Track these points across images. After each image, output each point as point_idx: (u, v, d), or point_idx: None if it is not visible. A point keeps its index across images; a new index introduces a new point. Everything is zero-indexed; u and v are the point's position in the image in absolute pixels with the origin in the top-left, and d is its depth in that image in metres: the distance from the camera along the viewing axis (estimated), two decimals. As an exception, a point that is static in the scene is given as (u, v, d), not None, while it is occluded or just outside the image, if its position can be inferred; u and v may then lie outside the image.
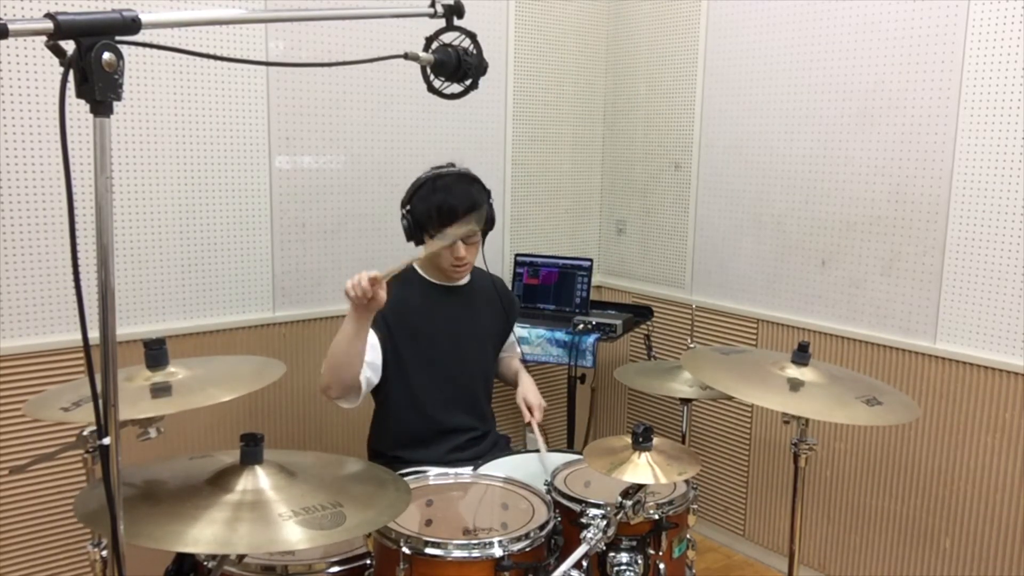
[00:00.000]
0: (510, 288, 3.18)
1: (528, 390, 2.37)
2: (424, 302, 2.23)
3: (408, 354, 2.17)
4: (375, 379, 2.12)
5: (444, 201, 2.12)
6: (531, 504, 1.79)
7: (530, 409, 2.31)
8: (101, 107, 0.99)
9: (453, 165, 2.25)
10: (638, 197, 3.51)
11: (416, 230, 2.17)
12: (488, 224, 2.21)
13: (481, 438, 2.33)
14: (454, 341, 2.25)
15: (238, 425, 2.71)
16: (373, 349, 2.09)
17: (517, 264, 3.26)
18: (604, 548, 1.69)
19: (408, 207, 2.18)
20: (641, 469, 1.62)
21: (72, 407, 1.47)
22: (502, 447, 2.39)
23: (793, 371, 1.94)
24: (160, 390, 1.48)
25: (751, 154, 3.04)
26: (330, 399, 2.05)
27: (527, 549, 1.62)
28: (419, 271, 2.28)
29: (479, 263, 2.34)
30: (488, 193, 2.23)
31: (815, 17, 2.78)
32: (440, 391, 2.23)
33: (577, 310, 3.14)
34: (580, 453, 2.02)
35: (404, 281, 2.25)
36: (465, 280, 2.31)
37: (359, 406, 2.11)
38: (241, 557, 1.49)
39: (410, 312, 2.19)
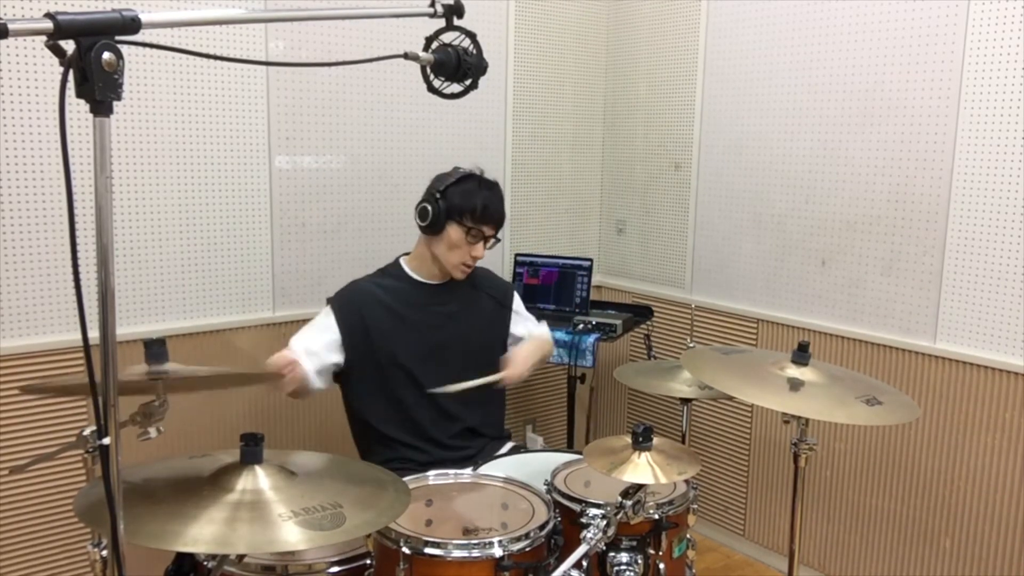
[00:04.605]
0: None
1: (515, 353, 2.25)
2: (418, 299, 2.22)
3: (399, 356, 2.16)
4: (323, 379, 2.17)
5: (490, 202, 2.17)
6: (531, 504, 1.79)
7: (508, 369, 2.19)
8: (101, 107, 0.99)
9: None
10: (638, 197, 3.51)
11: (445, 217, 2.14)
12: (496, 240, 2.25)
13: (480, 434, 2.32)
14: (446, 340, 2.23)
15: (238, 425, 2.70)
16: (328, 350, 2.16)
17: (517, 264, 3.26)
18: (604, 548, 1.69)
19: (441, 193, 2.15)
20: (641, 469, 1.62)
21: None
22: (499, 441, 2.37)
23: (793, 371, 1.93)
24: (156, 374, 1.48)
25: (751, 154, 3.04)
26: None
27: (527, 549, 1.62)
28: (407, 270, 2.26)
29: None
30: None
31: (815, 17, 2.78)
32: (427, 406, 2.20)
33: (577, 310, 3.14)
34: (580, 453, 2.02)
35: (399, 280, 2.24)
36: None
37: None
38: (241, 557, 1.49)
39: (400, 314, 2.18)
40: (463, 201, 2.14)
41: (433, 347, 2.21)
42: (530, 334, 2.38)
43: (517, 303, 2.41)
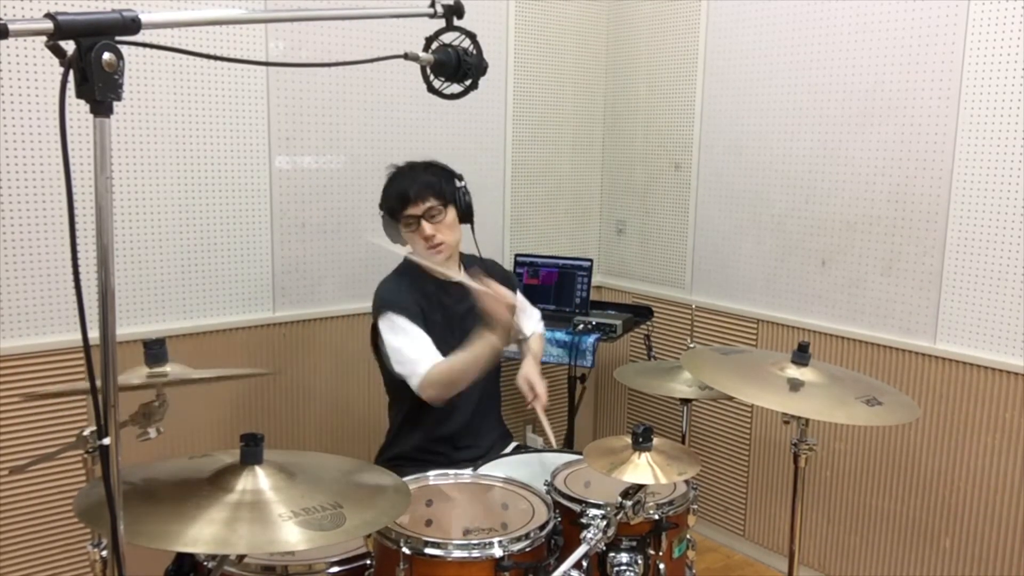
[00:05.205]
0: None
1: (529, 370, 2.27)
2: (433, 296, 2.23)
3: (443, 350, 2.16)
4: None
5: (397, 187, 2.19)
6: (531, 504, 1.79)
7: (534, 390, 2.22)
8: (101, 107, 0.99)
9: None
10: (638, 197, 3.51)
11: (392, 228, 2.23)
12: (456, 201, 2.21)
13: (489, 435, 2.34)
14: (460, 336, 2.24)
15: (238, 425, 2.71)
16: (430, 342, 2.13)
17: (517, 264, 3.26)
18: (604, 548, 1.69)
19: (381, 210, 2.26)
20: (641, 469, 1.62)
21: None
22: (503, 441, 2.38)
23: (793, 371, 1.93)
24: (156, 376, 1.48)
25: (751, 154, 3.04)
26: (428, 400, 2.10)
27: (527, 549, 1.62)
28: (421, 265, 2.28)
29: (472, 250, 2.33)
30: (455, 176, 2.25)
31: (815, 17, 2.78)
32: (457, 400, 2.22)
33: (577, 310, 3.14)
34: (580, 453, 2.02)
35: (413, 276, 2.25)
36: (461, 276, 2.30)
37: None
38: (241, 557, 1.49)
39: (426, 306, 2.20)
40: (387, 206, 2.22)
41: (455, 343, 2.21)
42: (533, 332, 2.45)
43: (520, 296, 2.42)
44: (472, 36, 1.55)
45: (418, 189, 2.16)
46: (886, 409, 1.86)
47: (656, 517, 1.77)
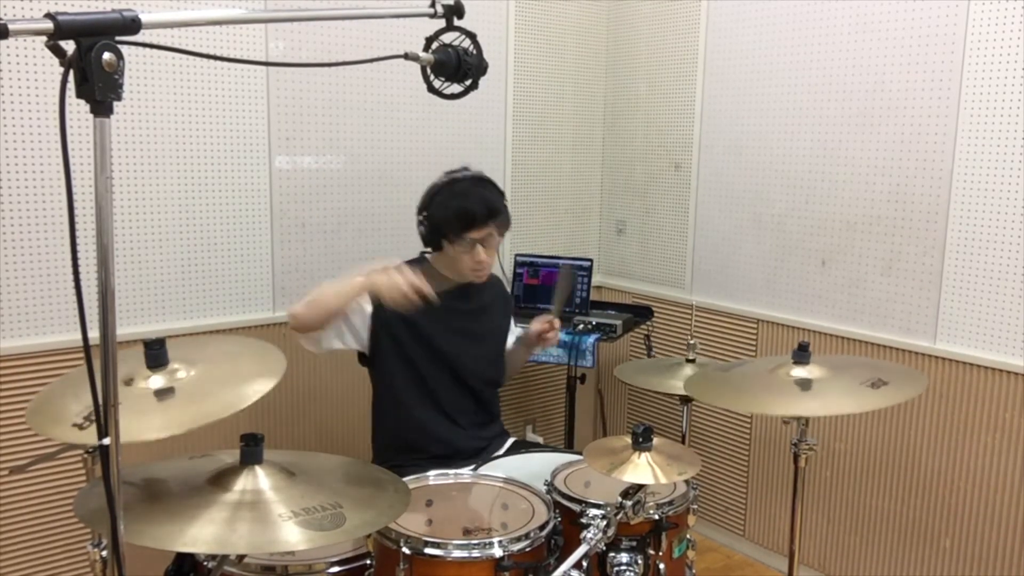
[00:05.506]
0: (509, 287, 3.19)
1: (532, 324, 2.35)
2: (446, 299, 2.22)
3: (420, 348, 2.17)
4: (340, 345, 2.13)
5: (462, 207, 2.11)
6: (531, 504, 1.80)
7: (552, 325, 2.30)
8: (101, 107, 0.99)
9: (467, 168, 2.23)
10: (638, 197, 3.51)
11: (434, 236, 2.16)
12: (506, 226, 2.22)
13: (487, 430, 2.34)
14: (463, 337, 2.24)
15: (238, 425, 2.70)
16: (362, 319, 2.10)
17: (517, 264, 3.26)
18: (604, 548, 1.69)
19: (425, 213, 2.17)
20: (641, 469, 1.62)
21: (85, 423, 1.42)
22: (502, 438, 2.39)
23: (799, 371, 1.94)
24: (164, 394, 1.47)
25: (751, 154, 3.04)
26: (294, 329, 2.07)
27: (527, 549, 1.62)
28: (438, 268, 2.26)
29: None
30: (502, 194, 2.22)
31: (815, 17, 2.78)
32: (449, 386, 2.23)
33: (577, 310, 3.14)
34: (580, 453, 2.02)
35: (423, 275, 2.24)
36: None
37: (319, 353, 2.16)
38: (241, 557, 1.49)
39: (425, 308, 2.19)
40: (441, 217, 2.12)
41: (462, 341, 2.23)
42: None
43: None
44: (472, 36, 1.55)
45: (485, 214, 2.11)
46: (893, 387, 1.88)
47: (656, 517, 1.78)
